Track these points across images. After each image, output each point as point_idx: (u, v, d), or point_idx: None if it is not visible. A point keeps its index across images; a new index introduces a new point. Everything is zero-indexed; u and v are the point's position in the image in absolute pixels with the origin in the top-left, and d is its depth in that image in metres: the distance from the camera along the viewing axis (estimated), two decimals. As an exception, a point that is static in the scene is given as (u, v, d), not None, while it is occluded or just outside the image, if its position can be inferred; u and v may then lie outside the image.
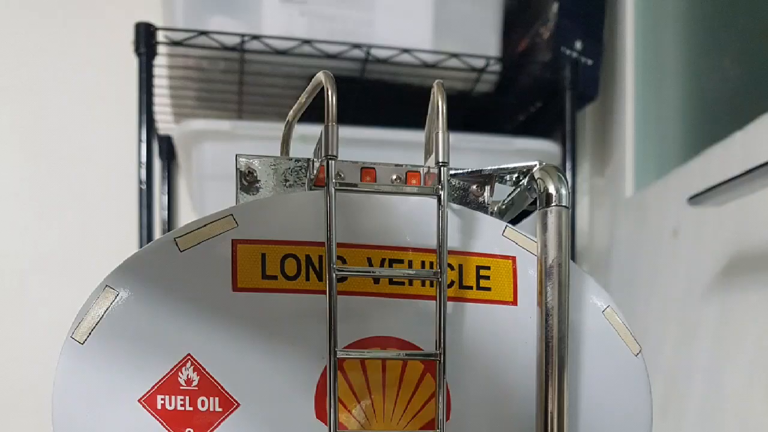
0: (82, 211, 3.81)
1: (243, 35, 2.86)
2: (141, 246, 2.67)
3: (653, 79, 3.51)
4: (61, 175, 3.82)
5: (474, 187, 1.35)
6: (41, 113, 3.84)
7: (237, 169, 1.27)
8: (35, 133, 3.84)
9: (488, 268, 1.25)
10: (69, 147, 3.82)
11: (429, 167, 1.22)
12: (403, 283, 1.21)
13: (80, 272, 3.57)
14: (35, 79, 3.82)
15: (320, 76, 1.15)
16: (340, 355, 1.12)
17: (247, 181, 1.27)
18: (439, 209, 1.15)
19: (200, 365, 1.15)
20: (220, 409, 1.15)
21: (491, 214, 1.35)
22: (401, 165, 1.28)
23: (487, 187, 1.35)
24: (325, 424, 1.15)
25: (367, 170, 1.27)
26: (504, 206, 1.36)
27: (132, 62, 2.81)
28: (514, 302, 1.25)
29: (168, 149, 3.74)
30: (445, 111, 1.16)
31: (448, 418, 1.20)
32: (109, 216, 3.76)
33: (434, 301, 1.16)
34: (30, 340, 3.56)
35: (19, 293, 3.68)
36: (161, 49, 2.87)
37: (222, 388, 1.15)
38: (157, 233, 3.28)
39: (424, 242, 1.22)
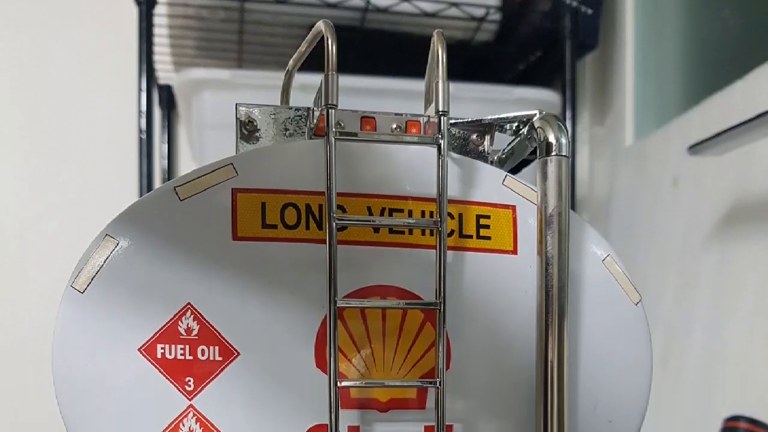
0: (82, 160, 3.80)
1: (242, -17, 2.84)
2: (141, 195, 2.68)
3: (653, 27, 3.49)
4: (62, 125, 3.81)
5: (474, 136, 1.34)
6: (41, 65, 3.82)
7: (237, 118, 1.26)
8: (35, 84, 3.83)
9: (488, 217, 1.25)
10: (69, 96, 3.81)
11: (429, 116, 1.21)
12: (403, 233, 1.21)
13: (80, 221, 3.57)
14: (35, 30, 3.80)
15: (320, 25, 1.14)
16: (340, 304, 1.12)
17: (246, 130, 1.27)
18: (439, 158, 1.14)
19: (200, 314, 1.15)
20: (220, 358, 1.15)
21: (491, 163, 1.35)
22: (401, 114, 1.28)
23: (487, 137, 1.35)
24: (325, 373, 1.16)
25: (367, 119, 1.26)
26: (504, 155, 1.36)
27: (132, 11, 2.80)
28: (514, 251, 1.25)
29: (168, 98, 3.73)
30: (445, 60, 1.15)
31: (448, 368, 1.21)
32: (109, 165, 3.76)
33: (434, 251, 1.16)
34: (30, 290, 3.57)
35: (19, 242, 3.68)
36: (161, -3, 2.86)
37: (222, 337, 1.15)
38: (157, 182, 3.28)
39: (424, 191, 1.22)
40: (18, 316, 3.51)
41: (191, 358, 1.15)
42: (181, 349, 1.15)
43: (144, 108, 2.82)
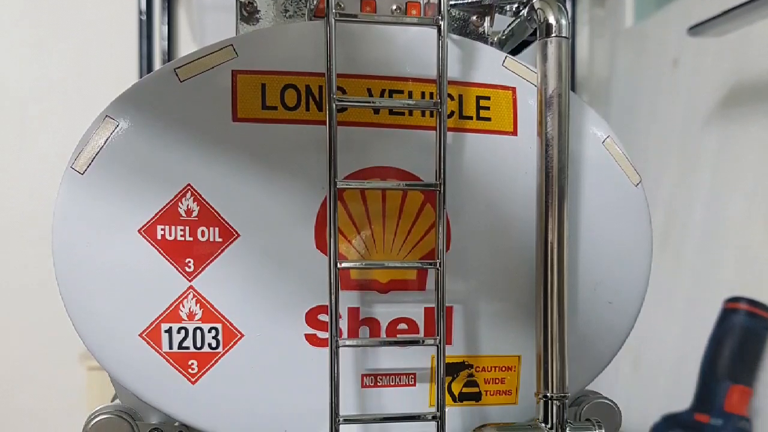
0: (83, 41, 3.77)
1: None
2: (141, 77, 2.66)
3: None
4: (62, 7, 3.77)
5: (474, 17, 1.33)
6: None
7: (236, -1, 1.25)
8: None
9: (488, 98, 1.24)
10: (69, -23, 3.77)
11: (429, -3, 1.20)
12: (403, 114, 1.21)
13: (80, 103, 3.55)
14: None
15: None
16: (340, 185, 1.12)
17: (247, 11, 1.26)
18: (438, 40, 1.13)
19: (200, 195, 1.15)
20: (220, 240, 1.16)
21: (491, 44, 1.34)
22: (401, -5, 1.26)
23: (487, 18, 1.34)
24: (325, 254, 1.16)
25: (367, 1, 1.25)
26: (504, 37, 1.35)
27: None
28: (514, 132, 1.25)
29: (168, -21, 3.68)
30: (446, -62, 1.14)
31: (447, 249, 1.21)
32: (109, 47, 3.72)
33: (434, 132, 1.15)
34: (30, 172, 3.57)
35: (19, 125, 3.67)
36: None
37: (222, 218, 1.16)
38: (157, 64, 3.26)
39: (424, 73, 1.21)
40: (18, 196, 3.51)
41: (191, 239, 1.16)
42: (181, 230, 1.15)
43: (144, -11, 2.77)
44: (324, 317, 1.19)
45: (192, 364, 1.16)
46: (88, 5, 3.78)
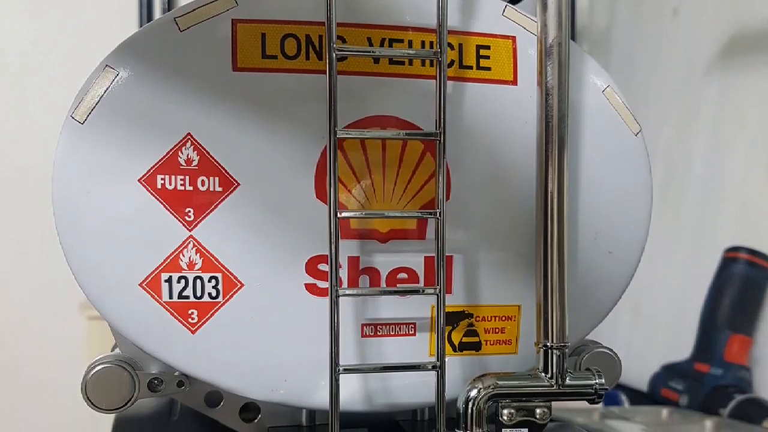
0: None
1: None
2: (141, 26, 2.65)
3: None
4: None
5: (475, -36, 1.32)
6: None
7: (234, -54, 1.24)
8: None
9: (488, 47, 1.24)
10: None
11: (430, -56, 1.19)
12: (402, 63, 1.20)
13: (80, 52, 3.54)
14: None
15: None
16: (340, 134, 1.12)
17: (245, -42, 1.25)
18: (439, -13, 1.13)
19: (200, 145, 1.15)
20: (220, 189, 1.16)
21: (492, -8, 1.33)
22: (401, -58, 1.25)
23: (489, -35, 1.33)
24: (325, 203, 1.16)
25: (367, -52, 1.24)
26: (505, -16, 1.34)
27: None
28: (514, 82, 1.24)
29: (169, -75, 3.65)
30: None
31: (448, 198, 1.21)
32: (108, -5, 3.71)
33: (434, 81, 1.15)
34: (30, 121, 3.56)
35: (19, 75, 3.65)
36: None
37: (222, 167, 1.15)
38: (157, 13, 3.23)
39: (424, 22, 1.20)
40: (18, 147, 3.50)
41: (191, 188, 1.15)
42: (181, 179, 1.15)
43: (143, -65, 2.75)
44: (324, 267, 1.19)
45: (192, 313, 1.16)
46: (88, -47, 3.75)
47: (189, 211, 1.15)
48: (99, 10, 3.76)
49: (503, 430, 1.23)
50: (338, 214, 1.12)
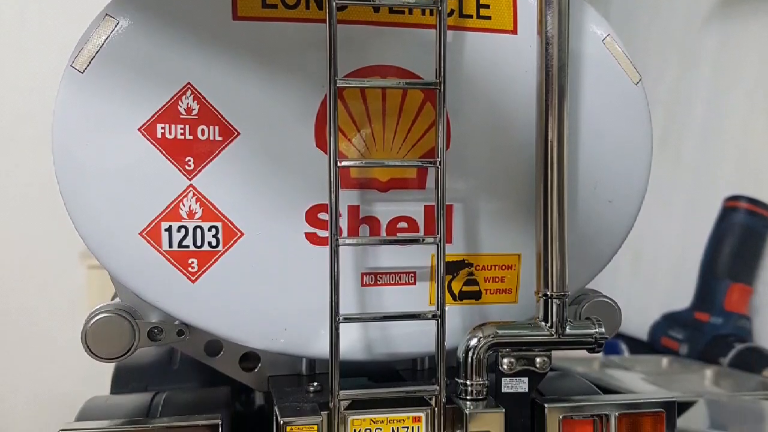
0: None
1: None
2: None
3: None
4: None
5: None
6: None
7: None
8: None
9: (489, -4, 1.24)
10: None
11: None
12: (403, 12, 1.20)
13: (80, 1, 3.52)
14: None
15: None
16: (340, 83, 1.12)
17: None
18: (440, -65, 1.13)
19: (200, 94, 1.15)
20: (220, 138, 1.16)
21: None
22: None
23: None
24: (325, 153, 1.16)
25: None
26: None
27: None
28: (514, 31, 1.24)
29: None
30: None
31: (448, 147, 1.21)
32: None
33: (434, 30, 1.15)
34: (30, 70, 3.54)
35: (19, 23, 3.63)
36: None
37: (222, 116, 1.15)
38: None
39: (424, -31, 1.20)
40: (18, 97, 3.49)
41: (191, 138, 1.15)
42: (181, 129, 1.15)
43: None
44: (324, 216, 1.19)
45: (192, 262, 1.17)
46: None
47: (189, 161, 1.15)
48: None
49: (503, 379, 1.23)
50: (338, 163, 1.13)
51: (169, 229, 1.15)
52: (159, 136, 1.14)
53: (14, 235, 3.24)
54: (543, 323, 1.21)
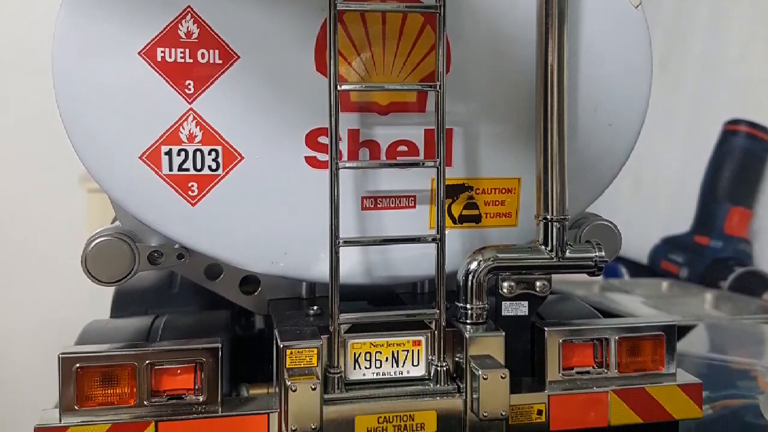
0: None
1: None
2: None
3: None
4: None
5: None
6: None
7: None
8: None
9: None
10: None
11: None
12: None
13: None
14: None
15: None
16: (340, 6, 1.12)
17: None
18: None
19: (200, 17, 1.14)
20: (220, 62, 1.15)
21: None
22: None
23: None
24: (325, 76, 1.16)
25: None
26: None
27: None
28: (516, -47, 1.23)
29: None
30: None
31: (447, 71, 1.20)
32: None
33: (435, -48, 1.14)
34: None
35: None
36: None
37: (222, 40, 1.15)
38: None
39: None
40: (17, 24, 3.46)
41: (191, 61, 1.15)
42: (181, 52, 1.15)
43: None
44: (324, 139, 1.19)
45: (192, 186, 1.16)
46: None
47: (189, 84, 1.15)
48: None
49: (503, 302, 1.24)
50: (338, 87, 1.12)
51: (169, 153, 1.15)
52: (159, 59, 1.14)
53: (14, 159, 3.24)
54: (543, 247, 1.21)
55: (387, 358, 1.17)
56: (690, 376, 1.28)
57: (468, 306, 1.19)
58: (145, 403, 1.11)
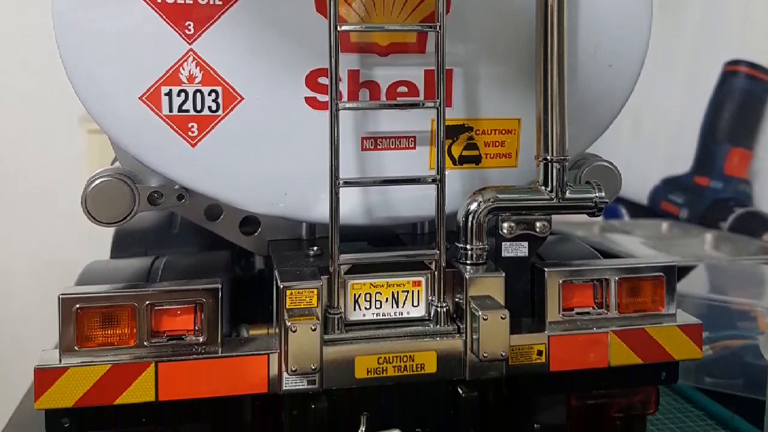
0: None
1: None
2: None
3: None
4: None
5: None
6: None
7: None
8: None
9: None
10: None
11: None
12: None
13: None
14: None
15: None
16: (339, -54, 1.11)
17: None
18: None
19: (198, -43, 1.14)
20: (220, 2, 1.15)
21: None
22: None
23: None
24: (325, 17, 1.15)
25: None
26: None
27: None
28: None
29: None
30: None
31: (448, 11, 1.20)
32: None
33: None
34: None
35: None
36: None
37: (221, -20, 1.15)
38: None
39: None
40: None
41: (191, 2, 1.14)
42: (180, -8, 1.14)
43: None
44: (324, 80, 1.18)
45: (192, 127, 1.16)
46: None
47: (189, 25, 1.14)
48: None
49: (503, 243, 1.24)
50: (338, 27, 1.12)
51: (169, 94, 1.15)
52: (159, 0, 1.13)
53: (14, 99, 3.22)
54: (543, 187, 1.21)
55: (387, 299, 1.18)
56: (690, 316, 1.28)
57: (468, 247, 1.19)
58: (145, 343, 1.11)
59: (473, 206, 1.19)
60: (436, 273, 1.17)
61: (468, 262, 1.19)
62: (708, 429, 1.65)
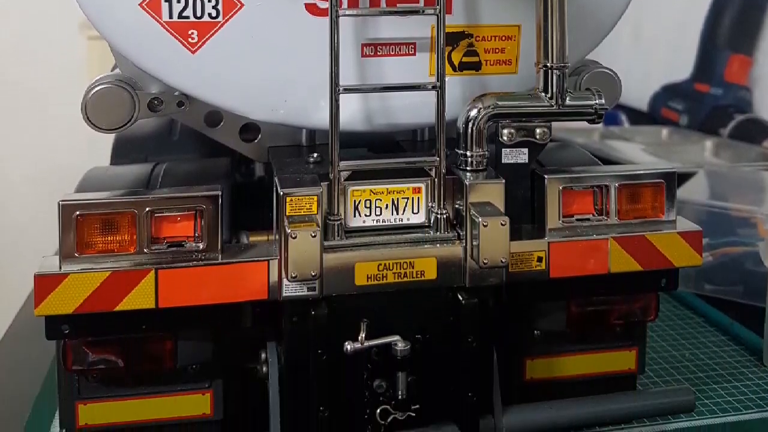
0: None
1: None
2: None
3: None
4: None
5: None
6: None
7: None
8: None
9: None
10: None
11: None
12: None
13: None
14: None
15: None
16: None
17: None
18: None
19: None
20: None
21: None
22: None
23: None
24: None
25: None
26: None
27: None
28: None
29: None
30: None
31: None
32: None
33: None
34: None
35: None
36: None
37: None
38: None
39: None
40: None
41: None
42: None
43: None
44: (324, -14, 1.18)
45: (192, 33, 1.16)
46: None
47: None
48: None
49: (503, 149, 1.24)
50: None
51: (169, 0, 1.14)
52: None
53: (11, 6, 3.20)
54: (543, 94, 1.21)
55: (387, 206, 1.18)
56: (690, 223, 1.29)
57: (468, 153, 1.19)
58: (145, 250, 1.12)
59: (473, 113, 1.19)
60: (436, 180, 1.18)
61: (468, 168, 1.19)
62: (708, 335, 1.67)
